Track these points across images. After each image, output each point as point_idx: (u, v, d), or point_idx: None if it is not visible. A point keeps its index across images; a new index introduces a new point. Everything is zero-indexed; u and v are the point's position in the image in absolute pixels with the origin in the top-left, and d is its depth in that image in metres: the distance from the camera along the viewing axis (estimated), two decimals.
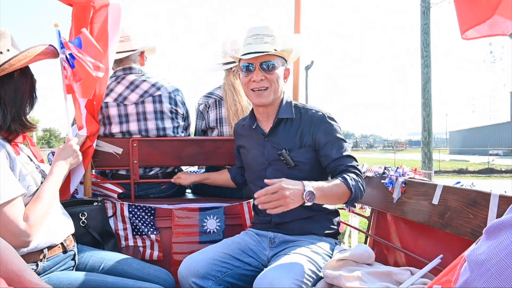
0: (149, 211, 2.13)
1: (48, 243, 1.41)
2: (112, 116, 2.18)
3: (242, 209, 2.23)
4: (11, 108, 1.36)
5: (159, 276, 1.60)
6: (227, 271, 1.61)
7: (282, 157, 1.70)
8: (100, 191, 2.17)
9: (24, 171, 1.38)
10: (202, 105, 2.51)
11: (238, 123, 2.01)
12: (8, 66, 1.30)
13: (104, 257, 1.63)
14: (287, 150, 1.71)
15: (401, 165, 1.95)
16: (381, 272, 1.45)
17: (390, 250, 1.97)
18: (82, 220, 1.79)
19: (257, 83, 1.69)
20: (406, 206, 1.77)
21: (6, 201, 1.22)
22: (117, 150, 2.13)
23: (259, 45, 1.68)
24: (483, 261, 0.60)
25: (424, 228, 1.67)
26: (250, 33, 1.72)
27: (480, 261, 0.61)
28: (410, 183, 1.78)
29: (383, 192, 1.95)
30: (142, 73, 2.28)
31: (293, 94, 2.29)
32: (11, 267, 1.06)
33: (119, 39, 2.23)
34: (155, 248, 2.14)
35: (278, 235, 1.73)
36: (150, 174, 2.25)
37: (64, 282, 1.37)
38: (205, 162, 2.34)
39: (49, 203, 1.39)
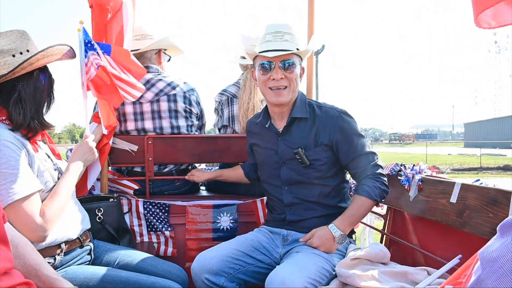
0: (163, 208, 2.15)
1: (65, 238, 1.44)
2: (128, 113, 2.21)
3: (256, 206, 2.22)
4: (30, 107, 1.39)
5: (172, 272, 1.62)
6: (239, 268, 1.61)
7: (298, 156, 1.68)
8: (116, 187, 2.21)
9: (42, 168, 1.41)
10: (217, 103, 2.52)
11: (251, 120, 1.98)
12: (28, 65, 1.33)
13: (119, 252, 1.65)
14: (303, 149, 1.68)
15: (418, 163, 1.90)
16: (396, 272, 1.42)
17: (406, 250, 1.93)
18: (99, 216, 1.82)
19: (276, 82, 1.65)
20: (423, 204, 1.72)
21: (24, 196, 1.26)
22: (132, 148, 2.16)
23: (280, 43, 1.64)
24: (495, 259, 0.58)
25: (442, 227, 1.63)
26: (270, 30, 1.67)
27: (492, 258, 0.59)
28: (427, 180, 1.74)
29: (399, 190, 1.91)
30: (158, 72, 2.30)
31: (307, 91, 2.26)
32: (29, 262, 1.09)
33: (135, 37, 2.26)
34: (169, 245, 2.17)
35: (292, 233, 1.72)
36: (164, 171, 2.28)
37: (80, 276, 1.39)
38: (219, 159, 2.34)
39: (65, 199, 1.42)
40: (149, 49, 2.28)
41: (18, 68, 1.31)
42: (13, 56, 1.34)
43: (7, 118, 1.36)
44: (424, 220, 1.76)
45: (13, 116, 1.35)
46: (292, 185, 1.73)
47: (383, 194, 1.63)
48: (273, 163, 1.79)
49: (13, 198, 1.23)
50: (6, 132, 1.31)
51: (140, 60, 2.28)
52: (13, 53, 1.34)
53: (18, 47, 1.36)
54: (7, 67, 1.31)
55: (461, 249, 1.48)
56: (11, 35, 1.37)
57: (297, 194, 1.72)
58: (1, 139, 1.27)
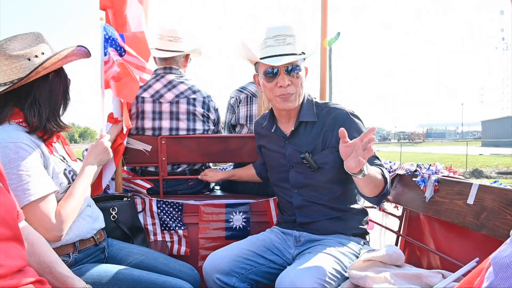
0: (176, 207, 2.17)
1: (79, 237, 1.46)
2: (147, 111, 2.24)
3: (269, 206, 2.22)
4: (46, 109, 1.41)
5: (184, 271, 1.63)
6: (251, 268, 1.61)
7: (305, 161, 1.64)
8: (130, 187, 2.24)
9: (57, 169, 1.44)
10: (233, 99, 2.51)
11: (258, 122, 1.95)
12: (42, 70, 1.35)
13: (132, 251, 1.67)
14: (310, 153, 1.64)
15: (434, 163, 1.86)
16: (410, 274, 1.39)
17: (422, 252, 1.88)
18: (113, 215, 1.85)
19: (283, 89, 1.58)
20: (439, 205, 1.68)
21: (39, 197, 1.28)
22: (146, 148, 2.18)
23: (282, 47, 1.57)
24: (508, 265, 0.55)
25: (458, 229, 1.58)
26: (270, 33, 1.60)
27: (505, 264, 0.56)
28: (443, 181, 1.69)
29: (415, 191, 1.87)
30: (181, 74, 2.34)
31: (321, 91, 2.22)
32: (43, 259, 1.11)
33: (168, 38, 2.29)
34: (182, 244, 2.19)
35: (304, 234, 1.70)
36: (177, 171, 2.30)
37: (93, 273, 1.42)
38: (232, 159, 2.35)
39: (79, 200, 1.44)
40: (183, 53, 2.33)
41: (33, 72, 1.33)
42: (28, 59, 1.36)
43: (23, 121, 1.39)
44: (440, 222, 1.72)
45: (29, 118, 1.38)
46: (301, 188, 1.71)
47: (389, 186, 1.51)
48: (281, 166, 1.77)
49: (29, 199, 1.26)
50: (22, 134, 1.34)
51: (168, 61, 2.34)
52: (28, 57, 1.36)
53: (33, 50, 1.38)
54: (23, 71, 1.34)
55: (478, 252, 1.43)
56: (26, 38, 1.39)
57: (307, 196, 1.70)
58: (18, 142, 1.30)
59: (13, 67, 1.34)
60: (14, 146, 1.28)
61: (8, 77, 1.34)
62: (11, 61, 1.34)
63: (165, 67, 2.32)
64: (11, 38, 1.38)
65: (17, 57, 1.34)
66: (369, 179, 1.40)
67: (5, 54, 1.33)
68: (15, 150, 1.28)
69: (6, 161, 1.26)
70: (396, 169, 2.06)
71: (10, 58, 1.33)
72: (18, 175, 1.26)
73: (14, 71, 1.34)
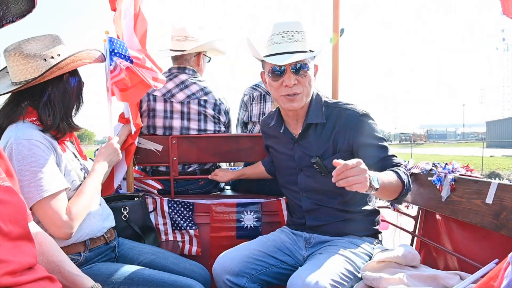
0: (187, 207, 2.17)
1: (90, 235, 1.47)
2: (158, 110, 2.24)
3: (280, 205, 2.19)
4: (59, 109, 1.43)
5: (194, 271, 1.62)
6: (262, 269, 1.58)
7: (316, 166, 1.56)
8: (142, 187, 2.24)
9: (69, 167, 1.46)
10: (246, 96, 2.49)
11: (265, 121, 1.88)
12: (57, 70, 1.38)
13: (143, 250, 1.67)
14: (321, 158, 1.56)
15: (451, 161, 1.80)
16: (426, 276, 1.35)
17: (438, 253, 1.83)
18: (124, 214, 1.86)
19: (289, 88, 1.51)
20: (457, 205, 1.63)
21: (52, 193, 1.30)
22: (157, 147, 2.18)
23: (289, 44, 1.49)
24: None
25: (476, 230, 1.53)
26: (277, 29, 1.52)
27: None
28: (460, 180, 1.64)
29: (430, 190, 1.82)
30: (195, 74, 2.31)
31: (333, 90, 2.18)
32: (52, 258, 1.11)
33: (177, 38, 2.29)
34: (193, 243, 2.18)
35: (314, 236, 1.67)
36: (188, 170, 2.29)
37: (104, 272, 1.42)
38: (243, 159, 2.33)
39: (90, 198, 1.45)
40: (192, 52, 2.30)
41: (48, 72, 1.35)
42: (44, 60, 1.38)
43: (37, 119, 1.41)
44: (457, 222, 1.67)
45: (43, 117, 1.40)
46: (311, 191, 1.66)
47: (408, 186, 1.43)
48: (290, 169, 1.71)
49: (42, 195, 1.27)
50: (36, 132, 1.36)
51: (179, 60, 2.33)
52: (44, 58, 1.39)
53: (50, 51, 1.40)
54: (38, 71, 1.37)
55: (497, 252, 1.38)
56: (44, 39, 1.42)
57: (316, 200, 1.65)
58: (31, 139, 1.32)
59: (29, 66, 1.36)
60: (27, 143, 1.30)
61: (23, 76, 1.37)
62: (28, 61, 1.36)
63: (178, 67, 2.31)
64: (29, 39, 1.41)
65: (34, 57, 1.37)
66: (383, 189, 1.31)
67: (22, 54, 1.36)
68: (29, 147, 1.30)
69: (20, 157, 1.28)
70: (411, 168, 2.01)
71: (27, 58, 1.36)
72: (32, 172, 1.28)
73: (29, 71, 1.37)
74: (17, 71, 1.37)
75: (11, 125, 1.38)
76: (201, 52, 2.37)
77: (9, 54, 1.37)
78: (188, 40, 2.30)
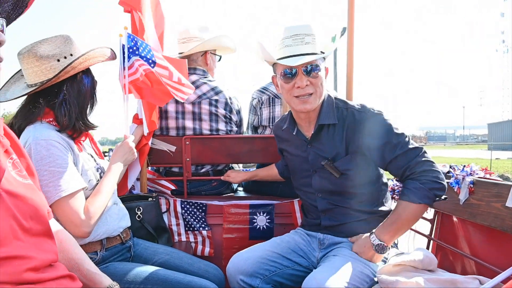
0: (200, 208, 2.17)
1: (107, 234, 1.48)
2: (170, 111, 2.25)
3: (293, 207, 2.18)
4: (75, 108, 1.45)
5: (208, 271, 1.62)
6: (275, 270, 1.58)
7: (327, 168, 1.58)
8: (155, 187, 2.26)
9: (86, 167, 1.47)
10: (255, 100, 2.48)
11: (277, 125, 1.89)
12: (71, 69, 1.39)
13: (157, 250, 1.68)
14: (330, 160, 1.57)
15: (469, 164, 1.77)
16: (444, 280, 1.32)
17: (456, 257, 1.80)
18: (138, 215, 1.87)
19: (301, 89, 1.52)
20: (475, 208, 1.59)
21: (70, 193, 1.31)
22: (170, 148, 2.20)
23: (300, 47, 1.52)
24: None
25: (496, 233, 1.50)
26: (288, 33, 1.55)
27: None
28: (479, 183, 1.60)
29: (448, 193, 1.77)
30: (205, 75, 2.31)
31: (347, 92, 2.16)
32: (72, 256, 1.13)
33: (181, 40, 2.31)
34: (206, 244, 2.18)
35: (328, 237, 1.66)
36: (201, 171, 2.30)
37: (119, 271, 1.43)
38: (256, 160, 2.32)
39: (107, 197, 1.47)
40: (194, 51, 2.29)
41: (62, 72, 1.37)
42: (58, 60, 1.40)
43: (54, 120, 1.43)
44: (475, 226, 1.63)
45: (59, 118, 1.42)
46: (325, 192, 1.65)
47: (431, 194, 1.41)
48: (304, 171, 1.71)
49: (60, 195, 1.29)
50: (53, 132, 1.38)
51: (188, 61, 2.31)
52: (58, 58, 1.41)
53: (62, 51, 1.42)
54: (52, 72, 1.39)
55: None
56: (56, 40, 1.43)
57: (332, 200, 1.64)
58: (49, 139, 1.34)
59: (43, 68, 1.38)
60: (45, 144, 1.32)
61: (38, 78, 1.39)
62: (42, 62, 1.38)
63: (188, 68, 2.32)
64: (42, 40, 1.43)
65: (47, 58, 1.39)
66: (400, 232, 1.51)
67: (36, 56, 1.38)
68: (47, 147, 1.32)
69: (38, 157, 1.30)
70: None
71: (41, 59, 1.38)
72: (50, 172, 1.30)
73: (44, 72, 1.39)
74: (32, 73, 1.39)
75: (29, 126, 1.40)
76: (208, 51, 2.35)
77: (23, 57, 1.39)
78: (192, 41, 2.30)
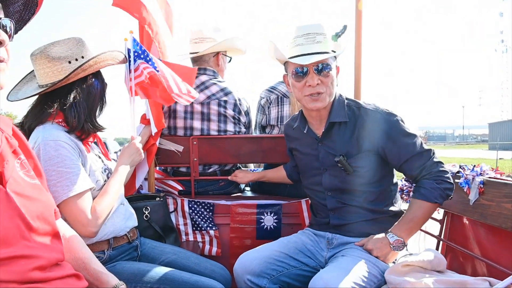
0: (208, 207, 2.17)
1: (114, 234, 1.50)
2: (178, 111, 2.26)
3: (301, 207, 2.17)
4: (84, 110, 1.47)
5: (215, 271, 1.62)
6: (282, 270, 1.57)
7: (340, 165, 1.59)
8: (163, 187, 2.27)
9: (93, 167, 1.49)
10: (263, 99, 2.48)
11: (288, 124, 1.90)
12: (81, 71, 1.41)
13: (164, 250, 1.69)
14: (344, 156, 1.58)
15: (479, 164, 1.74)
16: (453, 281, 1.30)
17: (466, 258, 1.77)
18: (146, 214, 1.88)
19: (313, 88, 1.54)
20: (485, 209, 1.57)
21: (77, 193, 1.33)
22: (178, 148, 2.20)
23: (312, 45, 1.54)
24: None
25: (506, 234, 1.47)
26: (300, 32, 1.57)
27: None
28: (489, 183, 1.58)
29: (457, 193, 1.76)
30: (215, 75, 2.32)
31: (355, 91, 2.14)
32: (78, 255, 1.14)
33: (194, 40, 2.31)
34: (213, 244, 2.18)
35: (337, 236, 1.65)
36: (209, 171, 2.30)
37: (127, 271, 1.44)
38: (264, 160, 2.32)
39: (114, 197, 1.48)
40: (208, 52, 2.30)
41: (72, 74, 1.38)
42: (69, 62, 1.42)
43: (63, 121, 1.45)
44: (485, 226, 1.61)
45: (69, 119, 1.43)
46: (335, 190, 1.65)
47: (444, 194, 1.48)
48: (314, 169, 1.71)
49: (68, 195, 1.30)
50: (62, 133, 1.40)
51: (199, 62, 2.34)
52: (69, 60, 1.42)
53: (74, 53, 1.44)
54: (63, 73, 1.40)
55: None
56: (68, 42, 1.45)
57: (341, 199, 1.65)
58: (58, 140, 1.36)
59: (55, 69, 1.40)
60: (54, 144, 1.34)
61: (49, 79, 1.41)
62: (53, 64, 1.40)
63: (199, 68, 2.32)
64: (54, 42, 1.45)
65: (59, 59, 1.41)
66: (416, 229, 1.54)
67: (48, 57, 1.40)
68: (55, 148, 1.34)
69: (47, 158, 1.31)
70: None
71: (53, 60, 1.40)
72: (58, 172, 1.31)
73: (55, 73, 1.41)
74: (44, 74, 1.41)
75: (39, 126, 1.42)
76: (220, 52, 2.36)
77: (35, 57, 1.41)
78: (205, 42, 2.31)
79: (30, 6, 0.94)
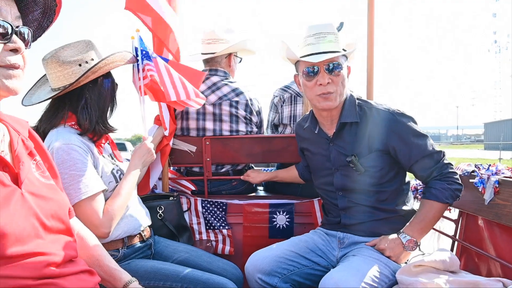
0: (221, 207, 2.20)
1: (128, 233, 1.53)
2: (190, 112, 2.28)
3: (313, 206, 2.17)
4: (95, 112, 1.50)
5: (227, 270, 1.64)
6: (294, 269, 1.58)
7: (352, 165, 1.59)
8: (176, 187, 2.31)
9: (105, 169, 1.52)
10: (277, 98, 2.49)
11: (299, 124, 1.90)
12: (91, 74, 1.44)
13: (177, 248, 1.72)
14: (356, 156, 1.59)
15: (494, 163, 1.70)
16: (466, 282, 1.28)
17: (481, 258, 1.73)
18: (160, 214, 1.92)
19: (323, 87, 1.55)
20: (501, 209, 1.53)
21: (89, 196, 1.36)
22: (191, 148, 2.23)
23: (323, 45, 1.54)
24: None
25: None
26: (311, 31, 1.57)
27: None
28: (505, 182, 1.54)
29: (472, 193, 1.73)
30: (226, 76, 2.34)
31: (367, 91, 2.12)
32: (92, 253, 1.17)
33: (207, 41, 2.34)
34: (226, 243, 2.21)
35: (348, 236, 1.65)
36: (221, 171, 2.32)
37: (140, 268, 1.47)
38: (276, 159, 2.33)
39: (126, 198, 1.51)
40: (222, 53, 2.32)
41: (82, 77, 1.41)
42: (79, 65, 1.46)
43: (76, 123, 1.48)
44: (501, 226, 1.57)
45: (81, 121, 1.47)
46: (347, 190, 1.65)
47: (455, 194, 1.50)
48: (325, 169, 1.72)
49: (80, 198, 1.34)
50: (74, 136, 1.43)
51: (210, 63, 2.36)
52: (79, 63, 1.46)
53: (84, 57, 1.47)
54: (74, 76, 1.44)
55: None
56: (77, 45, 1.49)
57: (353, 198, 1.64)
58: (70, 143, 1.39)
59: (66, 73, 1.44)
60: (66, 148, 1.37)
61: (61, 82, 1.45)
62: (64, 67, 1.44)
63: (210, 69, 2.35)
64: (64, 46, 1.49)
65: (69, 63, 1.44)
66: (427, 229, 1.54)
67: (58, 61, 1.44)
68: (68, 151, 1.37)
69: (60, 161, 1.35)
70: None
71: (63, 64, 1.44)
72: (70, 175, 1.35)
73: (66, 77, 1.44)
74: (55, 77, 1.45)
75: (52, 130, 1.46)
76: (232, 53, 2.39)
77: (46, 62, 1.45)
78: (218, 43, 2.33)
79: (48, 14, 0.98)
